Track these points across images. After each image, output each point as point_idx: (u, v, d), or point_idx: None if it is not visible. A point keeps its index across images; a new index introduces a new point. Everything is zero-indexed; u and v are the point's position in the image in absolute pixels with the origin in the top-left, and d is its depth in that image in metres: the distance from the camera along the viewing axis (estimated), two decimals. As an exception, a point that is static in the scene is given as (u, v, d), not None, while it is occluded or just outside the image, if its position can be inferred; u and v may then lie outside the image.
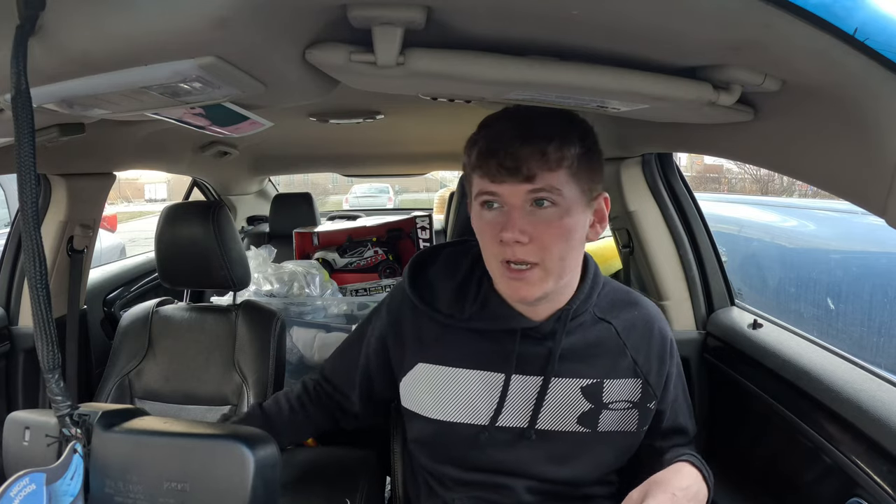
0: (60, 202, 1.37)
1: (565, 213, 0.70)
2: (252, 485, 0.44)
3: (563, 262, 0.72)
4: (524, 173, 0.68)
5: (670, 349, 0.84)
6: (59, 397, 0.48)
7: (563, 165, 0.69)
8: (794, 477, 0.96)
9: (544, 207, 0.70)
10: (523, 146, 0.68)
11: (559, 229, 0.70)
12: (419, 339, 0.83)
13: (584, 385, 0.80)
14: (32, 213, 0.46)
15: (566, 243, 0.71)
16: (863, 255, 2.70)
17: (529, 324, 0.78)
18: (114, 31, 0.49)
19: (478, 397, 0.79)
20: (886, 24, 0.46)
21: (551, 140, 0.69)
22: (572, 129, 0.72)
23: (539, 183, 0.69)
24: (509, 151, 0.69)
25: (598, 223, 0.76)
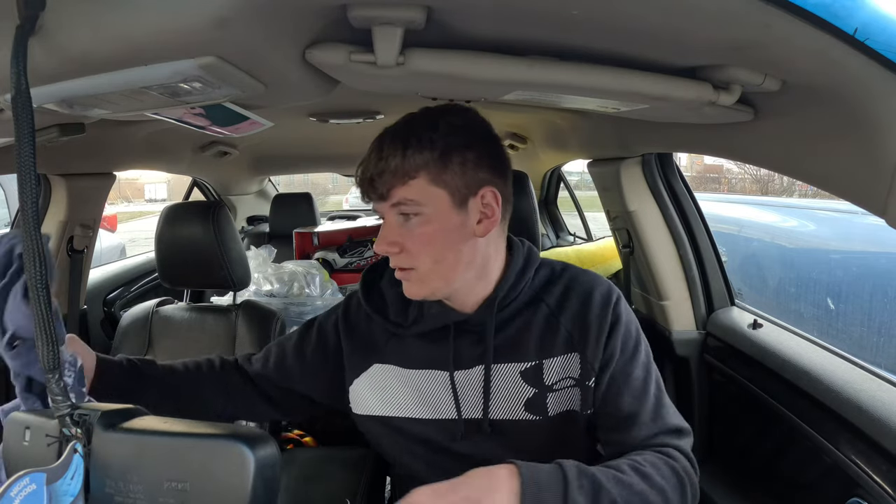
0: (60, 202, 1.37)
1: (428, 220, 0.73)
2: (252, 485, 0.44)
3: (440, 264, 0.75)
4: (378, 192, 0.73)
5: (616, 320, 0.78)
6: (59, 397, 0.48)
7: (415, 176, 0.71)
8: (794, 477, 0.96)
9: (410, 219, 0.73)
10: (376, 166, 0.73)
11: (423, 237, 0.73)
12: (373, 343, 0.85)
13: (523, 369, 0.78)
14: (32, 213, 0.46)
15: (434, 249, 0.74)
16: (863, 255, 2.70)
17: (461, 317, 0.79)
18: (114, 31, 0.49)
19: (433, 395, 0.81)
20: (886, 24, 0.46)
21: (396, 154, 0.72)
22: (423, 136, 0.72)
23: (394, 198, 0.72)
24: (366, 176, 0.74)
25: (488, 218, 0.76)
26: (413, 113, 0.77)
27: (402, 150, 0.71)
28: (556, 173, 2.42)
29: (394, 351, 0.83)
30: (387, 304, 0.85)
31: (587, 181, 1.58)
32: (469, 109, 0.78)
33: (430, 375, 0.81)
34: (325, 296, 1.85)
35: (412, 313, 0.83)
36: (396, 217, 0.74)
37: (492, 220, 0.76)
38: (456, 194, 0.73)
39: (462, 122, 0.75)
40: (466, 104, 0.85)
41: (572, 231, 2.65)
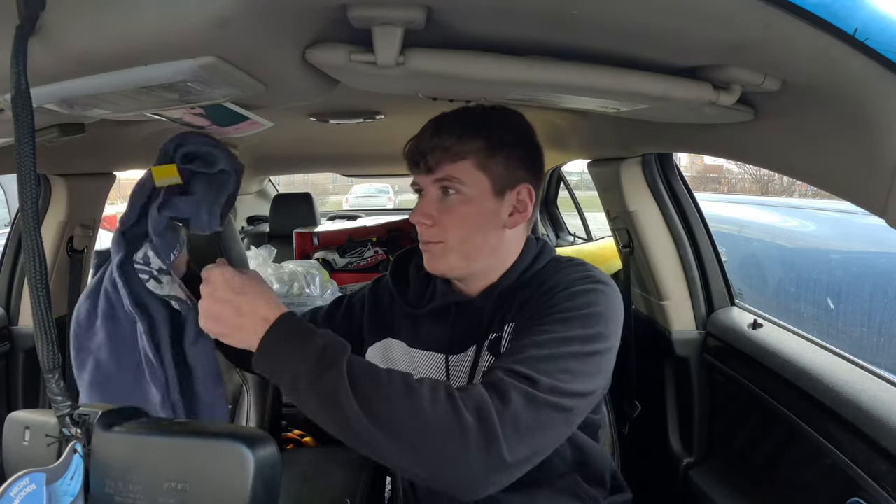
0: (60, 202, 1.37)
1: (467, 201, 0.78)
2: (252, 485, 0.44)
3: (466, 243, 0.79)
4: (427, 165, 0.78)
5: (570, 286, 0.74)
6: (59, 397, 0.48)
7: (465, 158, 0.77)
8: (794, 477, 0.96)
9: (450, 195, 0.78)
10: (430, 142, 0.78)
11: (459, 215, 0.78)
12: (391, 320, 0.92)
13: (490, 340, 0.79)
14: (32, 213, 0.46)
15: (466, 228, 0.78)
16: (863, 255, 2.70)
17: (463, 299, 0.84)
18: (114, 31, 0.49)
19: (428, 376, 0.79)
20: (886, 24, 0.46)
21: (452, 135, 0.77)
22: (480, 125, 0.79)
23: (440, 173, 0.78)
24: (418, 148, 0.79)
25: (519, 213, 0.81)
26: (470, 107, 0.83)
27: (459, 133, 0.77)
28: (556, 173, 2.42)
29: (406, 330, 0.89)
30: (409, 286, 0.91)
31: (587, 181, 1.58)
32: (519, 114, 0.84)
33: (429, 358, 0.86)
34: (325, 296, 1.85)
35: (427, 295, 0.88)
36: (437, 192, 0.79)
37: (523, 215, 0.82)
38: (496, 183, 0.78)
39: (514, 124, 0.82)
40: (467, 104, 0.85)
41: (572, 231, 2.65)
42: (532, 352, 0.66)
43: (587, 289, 0.74)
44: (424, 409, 0.59)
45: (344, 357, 0.62)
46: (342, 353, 0.63)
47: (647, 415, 1.36)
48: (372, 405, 0.59)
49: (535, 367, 0.64)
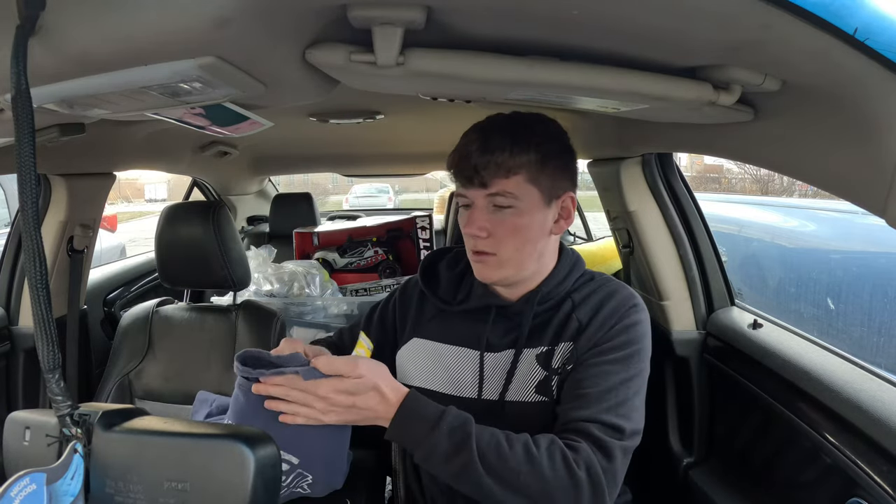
0: (60, 202, 1.37)
1: (520, 213, 0.80)
2: (252, 485, 0.44)
3: (520, 253, 0.82)
4: (481, 181, 0.79)
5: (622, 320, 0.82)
6: (59, 397, 0.48)
7: (519, 171, 0.79)
8: (794, 477, 0.96)
9: (503, 208, 0.80)
10: (481, 157, 0.79)
11: (513, 227, 0.81)
12: (419, 319, 0.95)
13: (538, 353, 0.84)
14: (32, 213, 0.46)
15: (520, 238, 0.81)
16: (863, 255, 2.70)
17: (503, 302, 0.87)
18: (114, 30, 0.49)
19: (458, 371, 0.88)
20: (886, 25, 0.46)
21: (504, 150, 0.78)
22: (529, 138, 0.80)
23: (494, 188, 0.79)
24: (468, 164, 0.80)
25: (564, 219, 0.85)
26: (508, 115, 0.84)
27: (510, 147, 0.78)
28: (556, 173, 2.41)
29: (436, 327, 0.92)
30: (440, 284, 0.94)
31: (587, 181, 1.58)
32: (556, 121, 0.86)
33: (461, 353, 0.89)
34: (325, 296, 1.85)
35: (461, 294, 0.92)
36: (488, 205, 0.81)
37: (567, 221, 0.86)
38: (546, 194, 0.81)
39: (555, 133, 0.84)
40: (466, 104, 0.85)
41: (572, 231, 2.65)
42: (611, 399, 0.77)
43: (636, 321, 0.83)
44: (545, 474, 0.70)
45: (471, 438, 0.72)
46: (469, 433, 0.72)
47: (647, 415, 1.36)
48: (502, 476, 0.70)
49: (617, 413, 0.76)
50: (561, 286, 0.87)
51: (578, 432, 0.74)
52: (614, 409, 0.76)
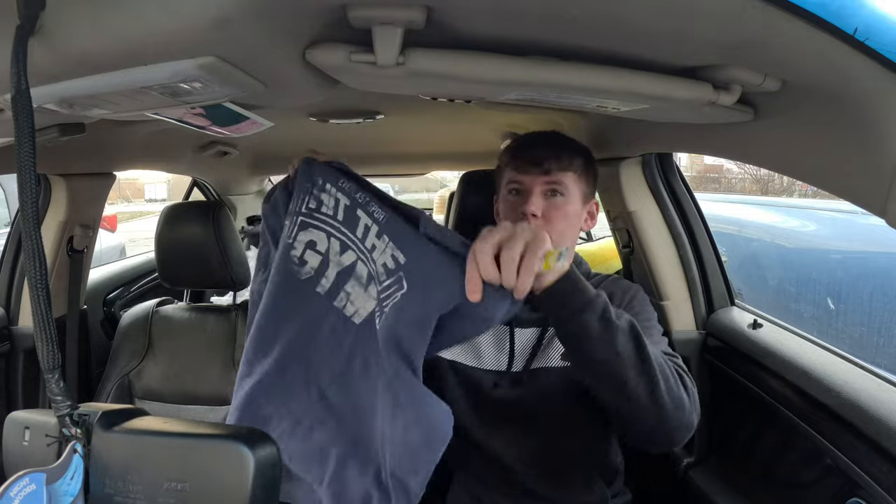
0: (60, 202, 1.37)
1: (569, 202, 0.93)
2: (252, 485, 0.44)
3: (563, 236, 0.92)
4: (544, 168, 0.91)
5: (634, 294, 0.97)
6: (59, 397, 0.48)
7: (571, 169, 0.93)
8: (794, 477, 0.96)
9: (555, 196, 0.92)
10: (546, 149, 0.93)
11: (564, 212, 0.92)
12: None
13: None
14: (32, 213, 0.46)
15: (567, 223, 0.93)
16: (863, 255, 2.70)
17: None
18: (114, 31, 0.49)
19: (487, 345, 0.96)
20: (886, 25, 0.46)
21: (564, 149, 0.94)
22: (576, 147, 0.96)
23: (554, 176, 0.92)
24: (536, 150, 0.93)
25: (590, 219, 1.00)
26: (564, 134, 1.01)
27: (568, 149, 0.94)
28: (556, 173, 2.41)
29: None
30: None
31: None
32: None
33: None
34: (325, 296, 1.85)
35: None
36: (544, 191, 0.92)
37: (591, 222, 1.01)
38: (584, 193, 0.95)
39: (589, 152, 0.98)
40: (466, 104, 0.85)
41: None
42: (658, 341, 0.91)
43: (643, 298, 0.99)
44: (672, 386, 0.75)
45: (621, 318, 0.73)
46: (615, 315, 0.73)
47: (647, 415, 1.36)
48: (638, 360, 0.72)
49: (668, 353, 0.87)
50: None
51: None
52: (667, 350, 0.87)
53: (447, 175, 10.07)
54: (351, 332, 0.78)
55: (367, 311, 0.76)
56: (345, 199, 0.80)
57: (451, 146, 2.13)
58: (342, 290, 0.78)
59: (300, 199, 0.82)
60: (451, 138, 1.94)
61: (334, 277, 0.79)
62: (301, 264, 0.80)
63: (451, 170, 3.40)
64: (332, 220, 0.80)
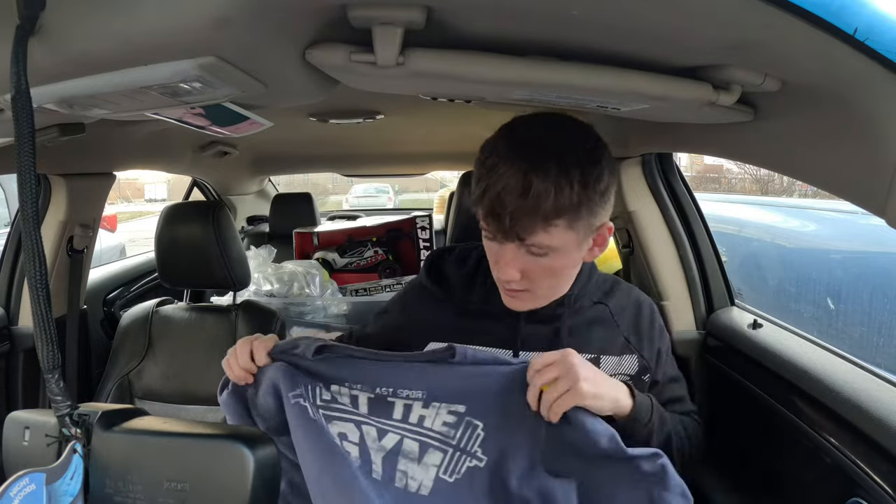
0: (60, 202, 1.37)
1: (555, 258, 0.75)
2: (252, 485, 0.44)
3: (553, 289, 0.82)
4: (517, 235, 0.72)
5: (659, 330, 0.92)
6: (59, 397, 0.48)
7: (556, 223, 0.71)
8: (794, 477, 0.96)
9: (536, 257, 0.75)
10: (519, 202, 0.70)
11: (548, 270, 0.77)
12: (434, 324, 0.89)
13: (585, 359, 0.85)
14: (32, 213, 0.46)
15: (555, 277, 0.80)
16: (863, 255, 2.70)
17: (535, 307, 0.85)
18: (114, 31, 0.49)
19: None
20: (887, 25, 0.46)
21: (547, 192, 0.69)
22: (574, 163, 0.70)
23: (529, 241, 0.73)
24: (505, 211, 0.70)
25: (598, 247, 0.80)
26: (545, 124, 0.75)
27: (553, 184, 0.69)
28: (556, 173, 2.41)
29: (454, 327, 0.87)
30: (448, 283, 0.91)
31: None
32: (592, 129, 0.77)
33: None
34: (325, 296, 1.85)
35: (478, 292, 0.88)
36: (521, 251, 0.74)
37: (601, 248, 0.80)
38: (582, 235, 0.75)
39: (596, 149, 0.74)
40: (466, 104, 0.85)
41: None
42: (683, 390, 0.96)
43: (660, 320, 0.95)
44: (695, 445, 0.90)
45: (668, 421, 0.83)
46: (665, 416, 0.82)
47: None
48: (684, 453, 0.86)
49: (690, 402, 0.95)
50: (586, 287, 0.88)
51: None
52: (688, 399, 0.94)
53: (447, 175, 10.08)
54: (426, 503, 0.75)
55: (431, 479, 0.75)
56: (365, 394, 0.76)
57: (451, 146, 2.12)
58: (397, 472, 0.75)
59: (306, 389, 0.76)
60: (451, 138, 1.94)
61: (381, 462, 0.75)
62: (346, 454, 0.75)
63: (451, 170, 3.40)
64: (354, 413, 0.76)
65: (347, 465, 0.74)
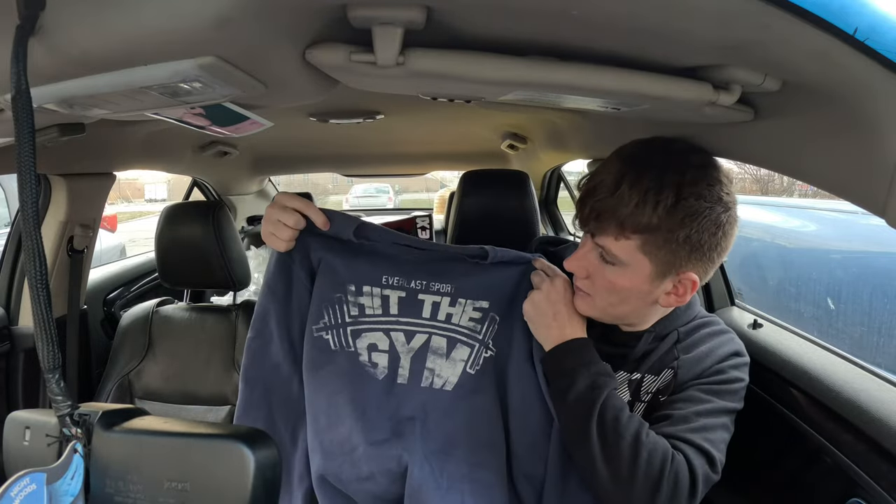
0: (60, 202, 1.37)
1: (620, 274, 0.74)
2: (252, 485, 0.44)
3: (615, 308, 0.78)
4: (591, 229, 0.75)
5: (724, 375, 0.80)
6: (59, 397, 0.48)
7: (629, 238, 0.71)
8: (794, 477, 0.96)
9: (605, 263, 0.75)
10: (600, 202, 0.72)
11: (608, 283, 0.75)
12: None
13: (632, 378, 0.84)
14: (32, 213, 0.46)
15: (616, 297, 0.76)
16: (863, 255, 2.69)
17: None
18: (114, 31, 0.49)
19: None
20: (886, 25, 0.46)
21: (628, 205, 0.70)
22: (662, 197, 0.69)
23: (599, 241, 0.74)
24: (590, 201, 0.73)
25: (676, 296, 0.75)
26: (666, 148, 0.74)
27: (639, 198, 0.69)
28: (556, 173, 2.42)
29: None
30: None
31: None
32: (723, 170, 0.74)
33: None
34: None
35: None
36: (595, 250, 0.75)
37: (679, 299, 0.76)
38: (659, 268, 0.72)
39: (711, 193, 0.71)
40: (466, 104, 0.85)
41: (572, 231, 2.65)
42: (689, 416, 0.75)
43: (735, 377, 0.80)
44: (641, 460, 0.69)
45: (606, 389, 0.73)
46: (606, 384, 0.74)
47: (647, 415, 1.36)
48: (606, 434, 0.70)
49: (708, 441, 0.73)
50: (670, 324, 0.83)
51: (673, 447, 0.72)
52: (699, 431, 0.74)
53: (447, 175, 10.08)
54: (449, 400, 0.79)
55: (458, 374, 0.80)
56: (397, 293, 0.80)
57: (451, 146, 2.13)
58: (425, 370, 0.80)
59: (332, 310, 0.80)
60: (451, 138, 1.94)
61: (409, 364, 0.80)
62: (374, 366, 0.80)
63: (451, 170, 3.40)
64: (383, 317, 0.80)
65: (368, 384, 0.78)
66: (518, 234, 0.95)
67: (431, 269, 0.80)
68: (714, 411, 0.76)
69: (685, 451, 0.71)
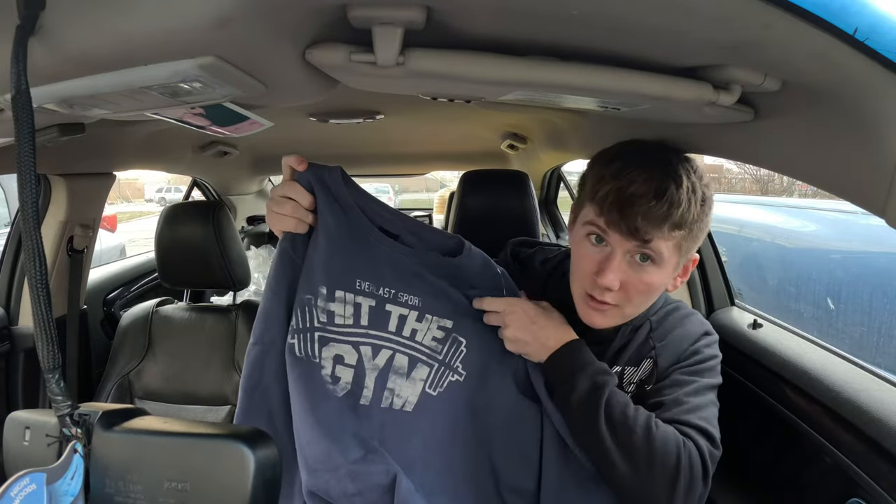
0: (60, 202, 1.38)
1: (655, 272, 0.76)
2: (252, 485, 0.44)
3: (639, 307, 0.80)
4: (642, 236, 0.72)
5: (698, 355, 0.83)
6: (59, 397, 0.48)
7: (675, 235, 0.73)
8: (794, 477, 0.96)
9: (644, 263, 0.75)
10: (654, 206, 0.71)
11: (648, 285, 0.76)
12: None
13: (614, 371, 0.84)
14: (32, 213, 0.46)
15: (647, 296, 0.79)
16: (863, 255, 2.70)
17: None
18: (114, 30, 0.49)
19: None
20: (886, 25, 0.46)
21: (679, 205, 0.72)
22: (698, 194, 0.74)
23: (651, 244, 0.73)
24: (635, 211, 0.71)
25: (681, 277, 0.81)
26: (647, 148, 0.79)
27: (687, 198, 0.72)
28: (556, 173, 2.42)
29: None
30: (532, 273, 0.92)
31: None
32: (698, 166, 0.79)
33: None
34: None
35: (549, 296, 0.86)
36: (627, 256, 0.75)
37: (682, 279, 0.82)
38: (682, 257, 0.78)
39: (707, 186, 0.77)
40: (466, 104, 0.85)
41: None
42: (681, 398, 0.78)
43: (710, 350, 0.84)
44: (656, 450, 0.70)
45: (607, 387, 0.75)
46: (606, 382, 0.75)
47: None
48: (617, 431, 0.72)
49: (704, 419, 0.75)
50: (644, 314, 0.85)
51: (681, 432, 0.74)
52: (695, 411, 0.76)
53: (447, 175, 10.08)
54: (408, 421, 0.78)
55: (417, 395, 0.78)
56: (367, 301, 0.77)
57: (451, 146, 2.13)
58: (385, 390, 0.77)
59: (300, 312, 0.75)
60: (451, 138, 1.94)
61: (373, 384, 0.77)
62: (335, 381, 0.76)
63: (451, 170, 3.40)
64: (354, 329, 0.76)
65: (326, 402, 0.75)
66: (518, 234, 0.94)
67: (401, 276, 0.78)
68: (700, 390, 0.79)
69: (689, 434, 0.73)
